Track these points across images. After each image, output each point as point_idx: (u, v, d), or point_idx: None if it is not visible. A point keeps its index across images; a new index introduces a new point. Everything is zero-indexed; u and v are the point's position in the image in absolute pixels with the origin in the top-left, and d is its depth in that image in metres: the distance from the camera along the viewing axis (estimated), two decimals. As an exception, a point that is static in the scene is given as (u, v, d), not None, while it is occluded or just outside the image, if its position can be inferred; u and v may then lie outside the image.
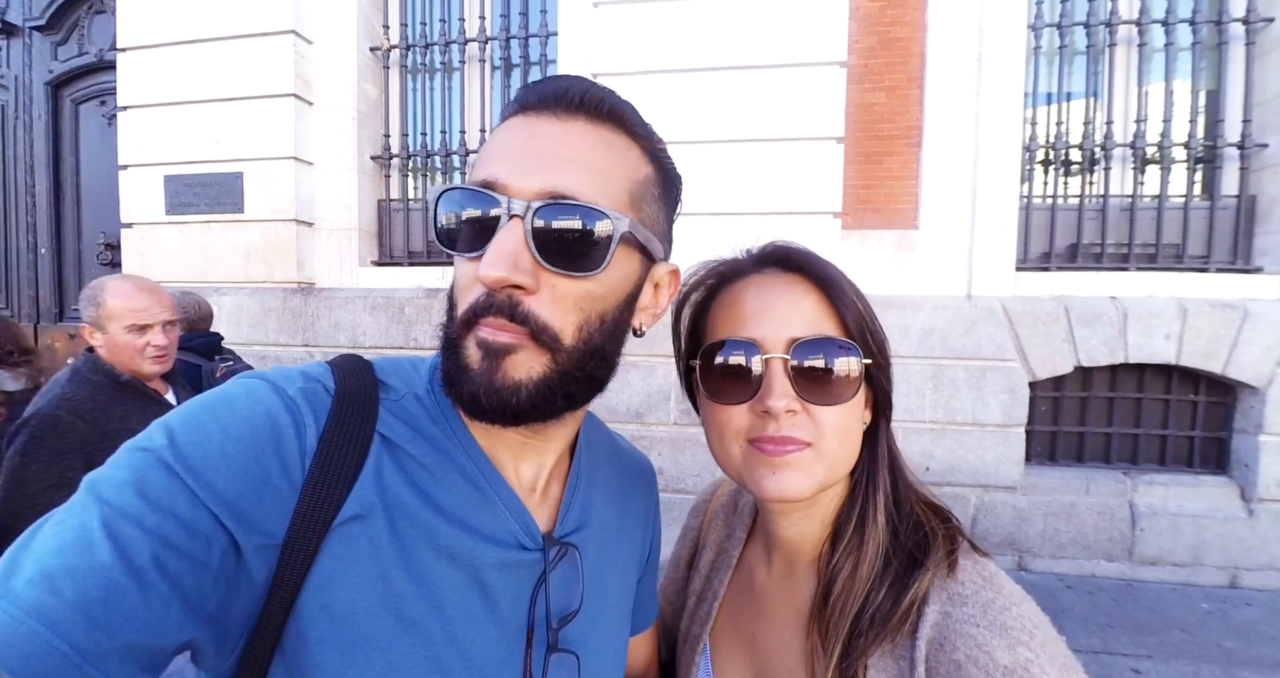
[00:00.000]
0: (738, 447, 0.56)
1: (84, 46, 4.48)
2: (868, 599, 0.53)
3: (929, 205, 3.41)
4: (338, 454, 0.44)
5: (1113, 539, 3.27)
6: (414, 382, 0.52)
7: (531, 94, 0.48)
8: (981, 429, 3.30)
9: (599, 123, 0.48)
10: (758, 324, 0.56)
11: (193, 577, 0.38)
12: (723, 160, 3.23)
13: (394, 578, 0.45)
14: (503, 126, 0.49)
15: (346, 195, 3.82)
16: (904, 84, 3.38)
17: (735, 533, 0.71)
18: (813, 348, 0.54)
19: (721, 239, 2.86)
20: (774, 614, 0.62)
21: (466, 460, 0.50)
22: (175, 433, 0.40)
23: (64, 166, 4.69)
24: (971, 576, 0.52)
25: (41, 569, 0.34)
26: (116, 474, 0.39)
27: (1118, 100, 3.45)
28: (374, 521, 0.45)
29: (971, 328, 3.27)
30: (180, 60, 3.75)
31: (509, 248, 0.43)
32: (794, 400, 0.53)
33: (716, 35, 3.20)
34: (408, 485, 0.47)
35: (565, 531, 0.56)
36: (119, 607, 0.35)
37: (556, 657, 0.51)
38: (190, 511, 0.38)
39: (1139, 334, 3.21)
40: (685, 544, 0.79)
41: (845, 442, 0.55)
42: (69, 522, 0.37)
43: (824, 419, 0.54)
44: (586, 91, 0.47)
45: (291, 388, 0.46)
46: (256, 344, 3.81)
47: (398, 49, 3.91)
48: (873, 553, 0.55)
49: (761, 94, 3.19)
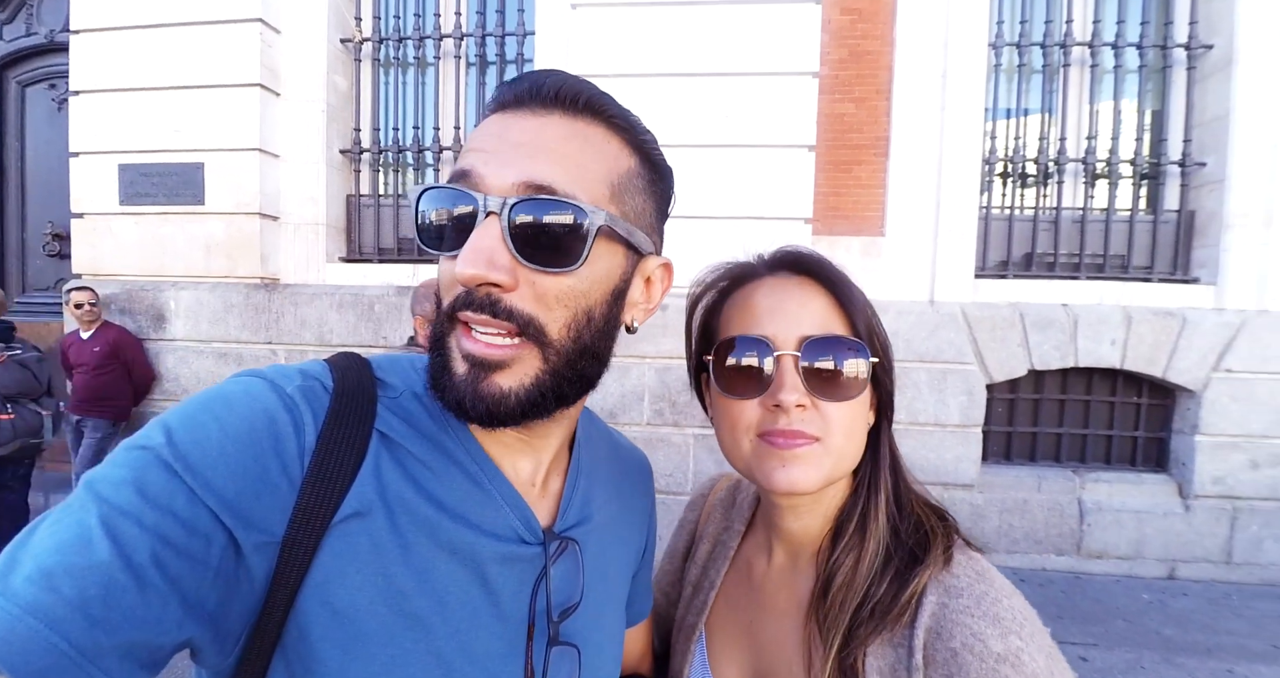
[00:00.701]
0: (748, 441, 0.58)
1: (32, 27, 4.27)
2: (868, 593, 0.56)
3: (895, 213, 3.53)
4: (337, 452, 0.44)
5: (1062, 534, 3.43)
6: (412, 380, 0.52)
7: (508, 91, 0.47)
8: (942, 429, 3.43)
9: (575, 116, 0.47)
10: (770, 322, 0.58)
11: (192, 575, 0.38)
12: (698, 165, 3.27)
13: (395, 574, 0.45)
14: (480, 125, 0.48)
15: (314, 189, 3.73)
16: (873, 96, 3.49)
17: (734, 526, 0.73)
18: (823, 346, 0.56)
19: (695, 243, 2.90)
20: (772, 605, 0.64)
21: (465, 457, 0.50)
22: (173, 431, 0.40)
23: (8, 152, 4.45)
24: (966, 569, 0.55)
25: (40, 567, 0.34)
26: (115, 472, 0.38)
27: (1071, 117, 3.64)
28: (374, 517, 0.45)
29: (934, 332, 3.40)
30: (139, 44, 3.60)
31: (484, 245, 0.43)
32: (804, 396, 0.55)
33: (693, 41, 3.25)
34: (407, 482, 0.47)
35: (566, 525, 0.56)
36: (118, 605, 0.35)
37: (558, 650, 0.52)
38: (189, 509, 0.38)
39: (1088, 339, 3.38)
40: (682, 536, 0.81)
41: (851, 438, 0.57)
42: (67, 520, 0.36)
43: (832, 415, 0.56)
44: (562, 84, 0.46)
45: (289, 386, 0.46)
46: (216, 341, 3.69)
47: (370, 42, 3.84)
48: (874, 549, 0.57)
49: (736, 101, 3.25)
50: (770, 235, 3.54)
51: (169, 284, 3.71)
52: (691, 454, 3.39)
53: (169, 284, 3.71)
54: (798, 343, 0.56)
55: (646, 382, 3.37)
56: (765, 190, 3.28)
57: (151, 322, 3.72)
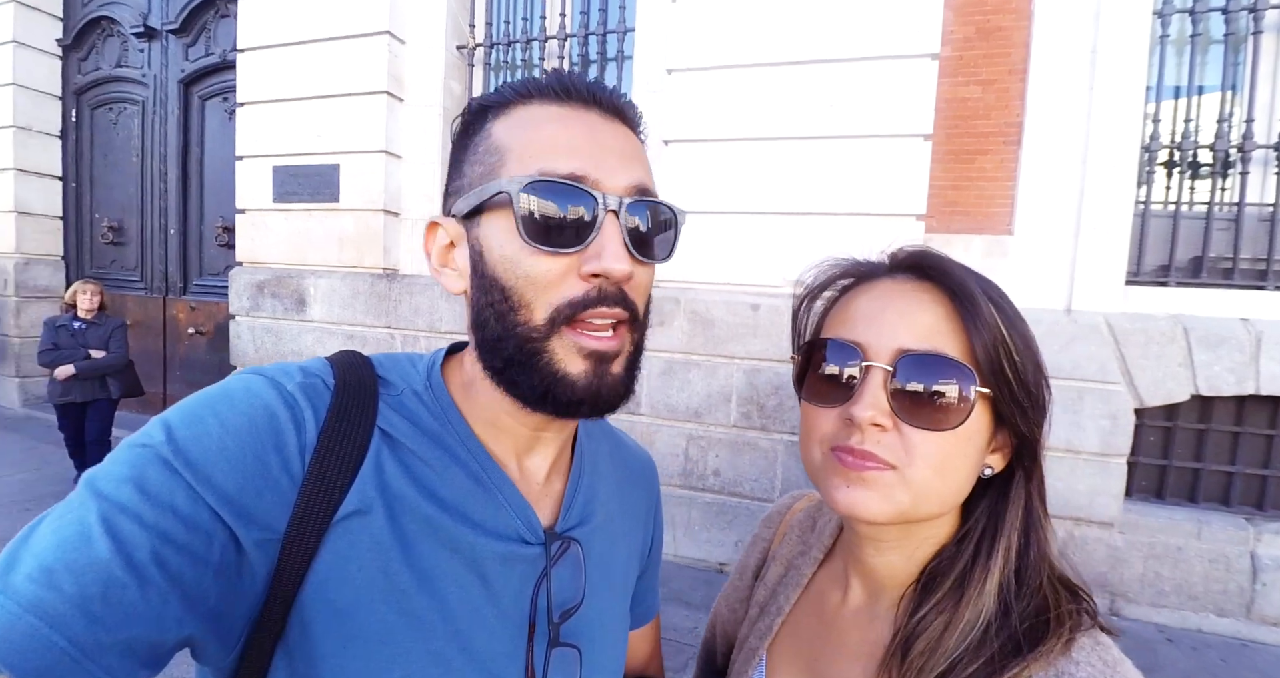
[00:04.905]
0: (820, 452, 0.52)
1: (210, 47, 4.97)
2: (953, 668, 0.48)
3: (1026, 209, 3.14)
4: (338, 449, 0.44)
5: (1227, 592, 2.88)
6: (412, 378, 0.53)
7: (568, 88, 0.48)
8: (1075, 456, 3.00)
9: (629, 126, 0.51)
10: (866, 328, 0.51)
11: (192, 572, 0.38)
12: (798, 158, 3.11)
13: (396, 572, 0.45)
14: (545, 114, 0.48)
15: (430, 187, 4.00)
16: (1003, 77, 3.12)
17: (811, 552, 0.67)
18: (919, 363, 0.48)
19: (795, 240, 2.76)
20: (842, 643, 0.58)
21: (467, 456, 0.50)
22: (174, 429, 0.41)
23: (191, 157, 5.22)
24: (1089, 657, 0.45)
25: (41, 565, 0.35)
26: (115, 470, 0.39)
27: (1261, 95, 3.03)
28: (375, 515, 0.45)
29: (1068, 345, 2.99)
30: (289, 60, 4.06)
31: (621, 242, 0.46)
32: (885, 415, 0.48)
33: (798, 28, 3.08)
34: (409, 480, 0.47)
35: (568, 525, 0.55)
36: (118, 603, 0.35)
37: (558, 651, 0.51)
38: (189, 506, 0.38)
39: (1274, 362, 2.81)
40: (754, 554, 0.76)
41: (944, 476, 0.49)
42: (68, 517, 0.37)
43: (917, 444, 0.48)
44: (618, 97, 0.50)
45: (290, 383, 0.46)
46: (345, 324, 4.08)
47: (482, 47, 4.05)
48: (970, 620, 0.49)
49: (843, 89, 3.04)
50: (877, 233, 3.29)
51: (309, 273, 4.15)
52: (779, 461, 3.24)
53: (309, 273, 4.15)
54: (892, 356, 0.49)
55: (734, 383, 3.27)
56: (873, 184, 3.04)
57: (295, 305, 4.19)
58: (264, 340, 4.28)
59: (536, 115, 0.48)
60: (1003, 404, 0.49)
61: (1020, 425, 0.50)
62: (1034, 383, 0.50)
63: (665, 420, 3.43)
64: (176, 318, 5.36)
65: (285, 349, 4.23)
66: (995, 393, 0.49)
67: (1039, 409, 0.51)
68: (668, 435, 3.42)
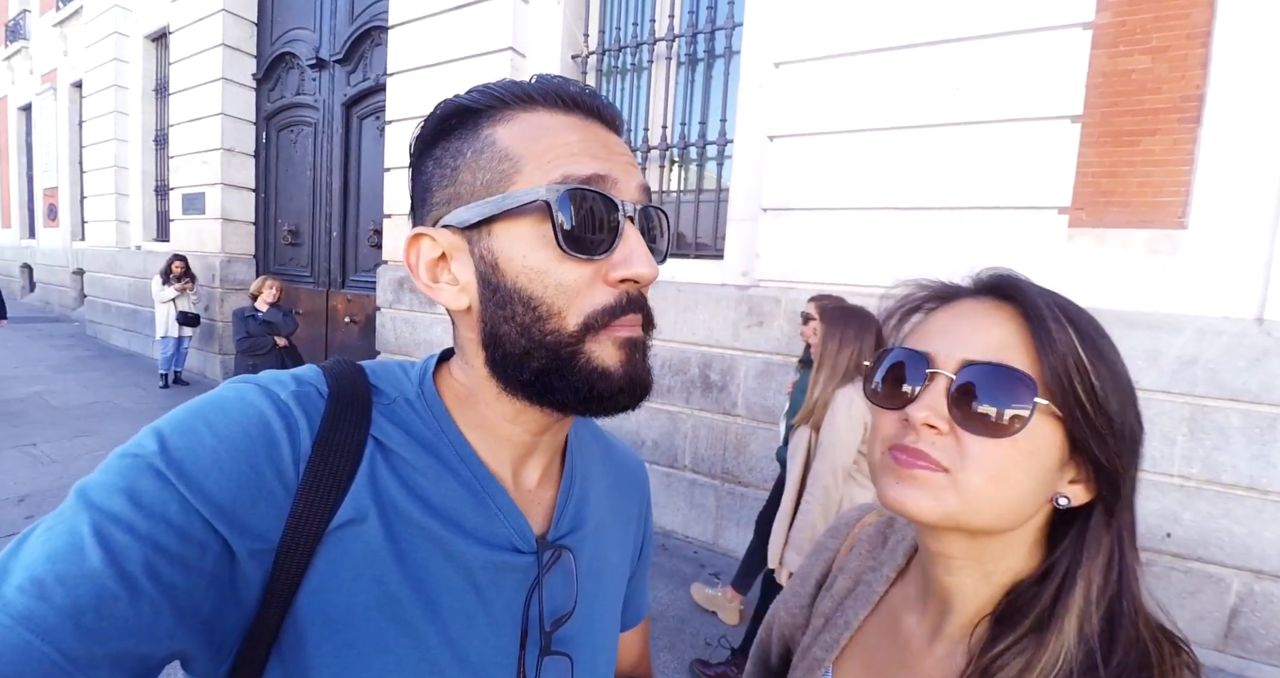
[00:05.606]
0: (880, 452, 0.53)
1: (367, 73, 5.63)
2: None
3: (1206, 198, 2.64)
4: (332, 458, 0.45)
5: None
6: (404, 386, 0.52)
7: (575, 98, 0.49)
8: (1261, 497, 2.49)
9: (619, 133, 0.52)
10: (937, 339, 0.52)
11: (185, 583, 0.38)
12: (917, 148, 2.87)
13: (390, 581, 0.45)
14: (556, 121, 0.47)
15: (544, 191, 4.24)
16: (1179, 43, 2.63)
17: (883, 569, 0.66)
18: (981, 372, 0.49)
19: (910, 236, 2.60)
20: (918, 669, 0.57)
21: (460, 464, 0.50)
22: (166, 438, 0.40)
23: (350, 170, 5.99)
24: None
25: (31, 576, 0.34)
26: (107, 480, 0.38)
27: None
28: (369, 524, 0.45)
29: (1258, 362, 2.47)
30: (428, 80, 4.46)
31: (645, 245, 0.47)
32: (941, 419, 0.49)
33: (918, 8, 2.83)
34: (403, 489, 0.47)
35: (560, 533, 0.55)
36: (110, 614, 0.35)
37: (550, 659, 0.52)
38: (182, 516, 0.38)
39: None
40: (818, 563, 0.76)
41: (999, 485, 0.47)
42: (59, 528, 0.36)
43: (972, 449, 0.48)
44: (609, 103, 0.51)
45: (284, 392, 0.46)
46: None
47: (595, 55, 4.19)
48: (1048, 663, 0.47)
49: (972, 70, 2.74)
50: (1009, 228, 2.94)
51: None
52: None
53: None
54: (957, 365, 0.50)
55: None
56: (1005, 175, 2.72)
57: (427, 299, 4.62)
58: (402, 330, 4.79)
59: (547, 122, 0.47)
60: (1075, 427, 0.48)
61: (1098, 454, 0.48)
62: (1116, 409, 0.47)
63: (762, 423, 3.35)
64: (336, 308, 6.19)
65: (419, 338, 4.70)
66: (1065, 413, 0.47)
67: (1121, 439, 0.48)
68: (763, 438, 3.34)
